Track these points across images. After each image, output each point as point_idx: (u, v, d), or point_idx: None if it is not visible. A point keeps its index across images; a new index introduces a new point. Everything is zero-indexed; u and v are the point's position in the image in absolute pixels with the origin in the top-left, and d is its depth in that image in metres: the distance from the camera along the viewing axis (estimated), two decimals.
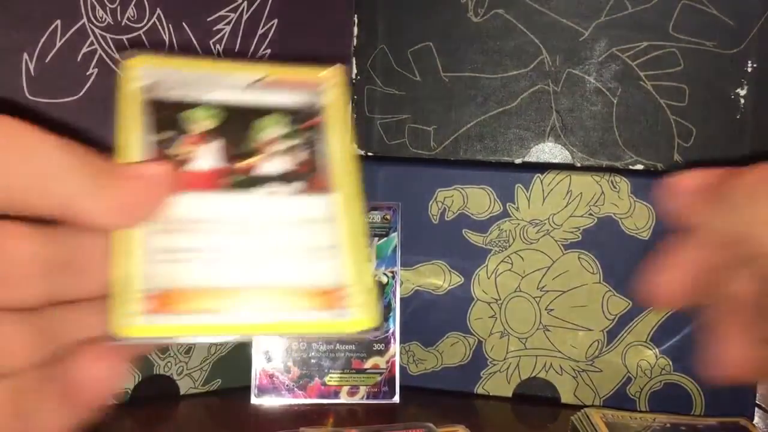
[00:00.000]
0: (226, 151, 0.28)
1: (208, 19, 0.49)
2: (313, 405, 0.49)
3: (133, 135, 0.27)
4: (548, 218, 0.49)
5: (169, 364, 0.49)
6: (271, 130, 0.29)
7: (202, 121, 0.29)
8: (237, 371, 0.51)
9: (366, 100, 0.54)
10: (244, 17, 0.50)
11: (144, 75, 0.29)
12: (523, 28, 0.50)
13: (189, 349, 0.50)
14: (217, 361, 0.51)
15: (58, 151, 0.23)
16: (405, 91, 0.53)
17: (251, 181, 0.28)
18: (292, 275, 0.26)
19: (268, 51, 0.51)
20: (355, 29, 0.54)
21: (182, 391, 0.50)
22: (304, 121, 0.30)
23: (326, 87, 0.31)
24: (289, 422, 0.46)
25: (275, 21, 0.51)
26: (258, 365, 0.48)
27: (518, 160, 0.51)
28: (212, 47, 0.49)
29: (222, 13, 0.49)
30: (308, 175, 0.29)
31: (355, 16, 0.54)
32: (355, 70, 0.54)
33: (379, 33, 0.53)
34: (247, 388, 0.48)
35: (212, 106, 0.29)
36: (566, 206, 0.49)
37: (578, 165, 0.50)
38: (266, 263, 0.26)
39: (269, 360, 0.49)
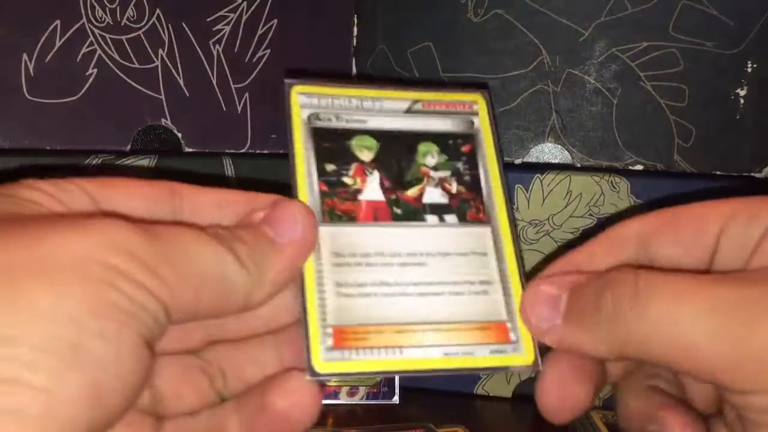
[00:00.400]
0: (392, 180, 0.28)
1: (208, 20, 0.49)
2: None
3: (306, 167, 0.28)
4: (548, 219, 0.49)
5: None
6: (430, 157, 0.29)
7: (367, 150, 0.29)
8: None
9: None
10: (244, 17, 0.50)
11: (307, 102, 0.29)
12: (522, 29, 0.50)
13: None
14: None
15: (220, 254, 0.22)
16: None
17: (417, 211, 0.28)
18: (459, 309, 0.26)
19: (268, 51, 0.51)
20: (355, 29, 0.54)
21: None
22: (458, 147, 0.30)
23: (475, 111, 0.31)
24: None
25: (275, 21, 0.51)
26: None
27: (518, 161, 0.51)
28: (212, 47, 0.49)
29: (221, 13, 0.49)
30: (466, 204, 0.29)
31: (355, 16, 0.54)
32: (354, 71, 0.54)
33: (379, 33, 0.53)
34: None
35: (374, 133, 0.29)
36: (566, 207, 0.49)
37: (578, 165, 0.50)
38: (436, 297, 0.26)
39: None
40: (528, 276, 0.27)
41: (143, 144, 0.47)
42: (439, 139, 0.30)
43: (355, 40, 0.54)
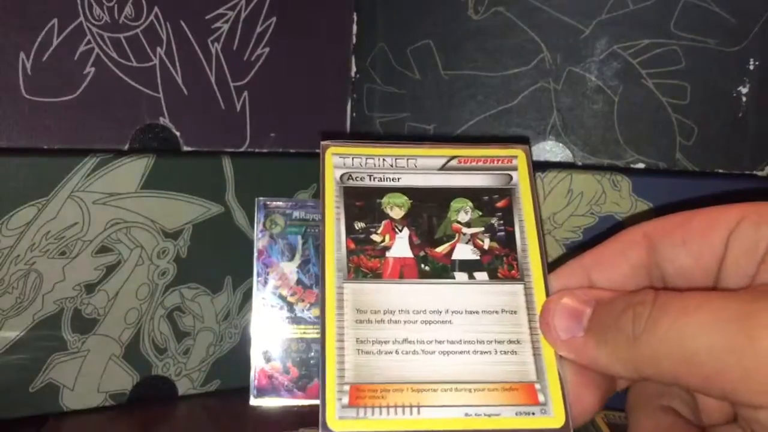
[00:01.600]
0: (422, 237, 0.29)
1: (206, 18, 0.48)
2: (313, 405, 0.49)
3: (336, 225, 0.28)
4: (549, 217, 0.49)
5: (167, 365, 0.49)
6: (463, 213, 0.29)
7: (398, 207, 0.29)
8: (236, 372, 0.50)
9: (365, 98, 0.53)
10: (242, 15, 0.50)
11: (341, 162, 0.29)
12: (523, 26, 0.50)
13: (187, 349, 0.50)
14: (216, 361, 0.51)
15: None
16: (404, 89, 0.52)
17: (446, 268, 0.28)
18: (485, 368, 0.26)
19: (267, 49, 0.51)
20: (354, 27, 0.54)
21: (180, 392, 0.50)
22: (494, 203, 0.30)
23: (514, 166, 0.30)
24: (288, 423, 0.46)
25: (273, 19, 0.51)
26: (257, 366, 0.48)
27: None
28: (210, 46, 0.49)
29: (220, 11, 0.49)
30: (498, 261, 0.28)
31: (354, 14, 0.54)
32: (354, 69, 0.54)
33: (379, 31, 0.53)
34: (245, 389, 0.48)
35: (406, 190, 0.29)
36: (567, 205, 0.49)
37: (579, 164, 0.50)
38: (460, 356, 0.26)
39: (268, 360, 0.48)
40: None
41: (141, 143, 0.47)
42: (473, 194, 0.30)
43: (354, 38, 0.54)
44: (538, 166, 0.50)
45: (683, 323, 0.21)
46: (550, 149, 0.50)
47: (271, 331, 0.48)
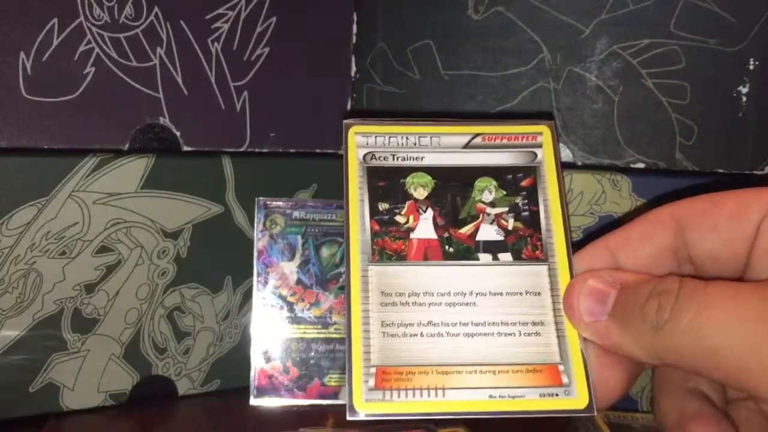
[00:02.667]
0: (446, 217, 0.28)
1: (206, 18, 0.48)
2: (313, 405, 0.49)
3: (360, 207, 0.28)
4: None
5: (167, 365, 0.49)
6: (487, 192, 0.29)
7: (421, 187, 0.29)
8: (236, 372, 0.50)
9: (365, 98, 0.53)
10: (242, 15, 0.50)
11: (364, 142, 0.29)
12: (523, 26, 0.50)
13: (187, 349, 0.50)
14: (216, 361, 0.51)
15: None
16: (405, 89, 0.52)
17: (470, 250, 0.28)
18: (509, 350, 0.26)
19: (267, 49, 0.51)
20: (354, 27, 0.54)
21: (181, 392, 0.50)
22: (518, 182, 0.29)
23: (539, 143, 0.30)
24: (288, 423, 0.46)
25: (274, 19, 0.51)
26: (257, 366, 0.48)
27: None
28: (210, 45, 0.49)
29: (220, 11, 0.49)
30: (522, 242, 0.28)
31: (354, 14, 0.54)
32: (354, 69, 0.54)
33: (379, 31, 0.53)
34: (246, 389, 0.48)
35: (430, 170, 0.29)
36: (567, 205, 0.49)
37: (579, 164, 0.50)
38: (484, 338, 0.26)
39: (268, 360, 0.48)
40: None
41: (141, 143, 0.47)
42: (498, 173, 0.29)
43: (354, 38, 0.54)
44: None
45: (706, 317, 0.21)
46: None
47: (271, 331, 0.48)
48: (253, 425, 0.48)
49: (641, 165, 0.49)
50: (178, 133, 0.48)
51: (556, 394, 0.25)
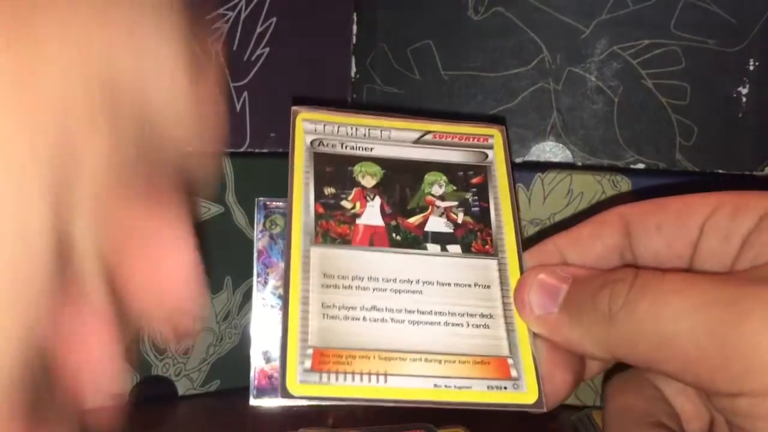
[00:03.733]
0: (394, 207, 0.28)
1: (206, 18, 0.48)
2: (313, 405, 0.49)
3: (304, 189, 0.27)
4: (549, 218, 0.49)
5: (167, 365, 0.49)
6: (437, 186, 0.29)
7: (370, 176, 0.28)
8: (236, 372, 0.50)
9: (365, 99, 0.53)
10: (243, 15, 0.49)
11: (312, 128, 0.29)
12: (523, 26, 0.50)
13: (187, 350, 0.50)
14: (216, 362, 0.51)
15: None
16: (405, 89, 0.52)
17: (418, 239, 0.28)
18: (456, 341, 0.25)
19: (267, 50, 0.51)
20: (354, 27, 0.54)
21: (180, 392, 0.50)
22: (469, 179, 0.29)
23: (490, 145, 0.30)
24: (288, 423, 0.46)
25: (274, 19, 0.51)
26: (257, 366, 0.48)
27: (518, 160, 0.51)
28: (210, 45, 0.49)
29: (220, 11, 0.49)
30: (471, 235, 0.28)
31: (354, 14, 0.54)
32: (354, 69, 0.54)
33: (379, 31, 0.53)
34: (245, 389, 0.48)
35: (379, 160, 0.29)
36: (567, 206, 0.49)
37: (579, 164, 0.50)
38: (431, 327, 0.25)
39: (268, 361, 0.48)
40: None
41: None
42: (448, 169, 0.29)
43: (354, 38, 0.54)
44: (538, 167, 0.50)
45: (663, 304, 0.21)
46: (550, 149, 0.50)
47: (271, 331, 0.48)
48: (253, 425, 0.48)
49: (641, 165, 0.49)
50: None
51: (505, 387, 0.25)
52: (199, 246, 0.23)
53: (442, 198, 0.29)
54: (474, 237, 0.28)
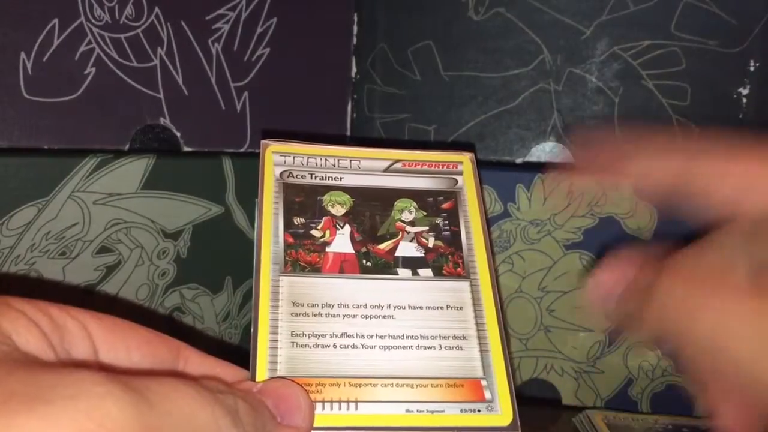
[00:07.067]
0: (363, 234, 0.28)
1: (207, 18, 0.48)
2: None
3: (273, 220, 0.28)
4: (549, 218, 0.49)
5: None
6: (407, 212, 0.29)
7: (339, 205, 0.29)
8: None
9: (366, 99, 0.53)
10: (243, 16, 0.50)
11: (281, 161, 0.29)
12: (523, 27, 0.50)
13: None
14: None
15: (218, 419, 0.20)
16: (405, 90, 0.52)
17: (388, 265, 0.28)
18: (429, 364, 0.25)
19: (267, 50, 0.51)
20: (355, 28, 0.54)
21: None
22: (439, 204, 0.30)
23: (459, 171, 0.31)
24: None
25: (274, 19, 0.51)
26: None
27: (519, 160, 0.51)
28: (211, 46, 0.49)
29: (221, 11, 0.49)
30: (444, 258, 0.28)
31: (355, 14, 0.54)
32: (354, 69, 0.54)
33: (379, 32, 0.53)
34: None
35: (349, 189, 0.29)
36: (567, 206, 0.49)
37: None
38: (402, 351, 0.26)
39: None
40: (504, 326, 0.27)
41: (142, 143, 0.47)
42: (418, 195, 0.30)
43: (355, 39, 0.54)
44: (538, 167, 0.50)
45: (724, 327, 0.21)
46: (551, 150, 0.50)
47: None
48: None
49: None
50: (178, 134, 0.48)
51: (479, 410, 0.25)
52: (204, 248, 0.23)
53: (412, 224, 0.29)
54: (445, 260, 0.28)
